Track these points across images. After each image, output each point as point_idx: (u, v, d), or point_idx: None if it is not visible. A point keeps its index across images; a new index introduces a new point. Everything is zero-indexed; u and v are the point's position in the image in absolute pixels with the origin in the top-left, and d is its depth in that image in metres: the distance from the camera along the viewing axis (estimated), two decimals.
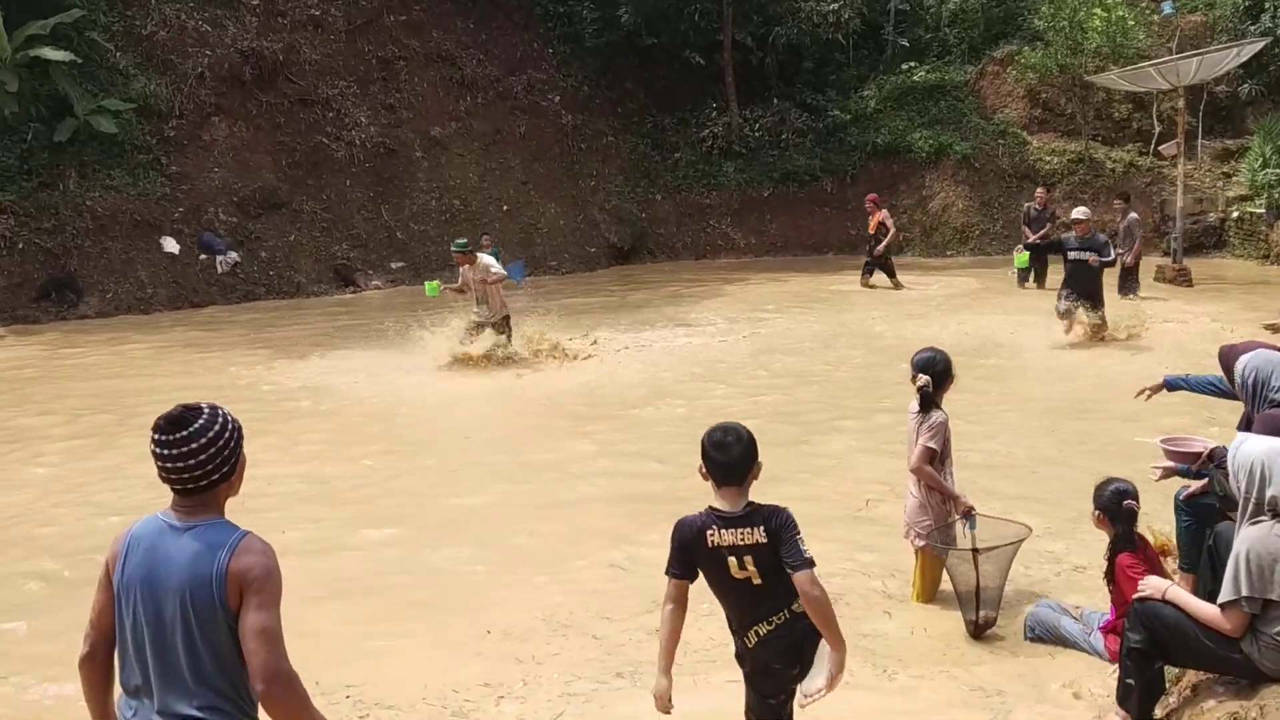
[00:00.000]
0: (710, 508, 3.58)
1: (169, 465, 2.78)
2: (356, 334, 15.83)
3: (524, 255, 24.28)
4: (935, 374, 5.56)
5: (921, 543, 5.59)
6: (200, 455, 2.77)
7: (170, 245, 20.30)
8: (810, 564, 3.48)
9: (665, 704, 3.62)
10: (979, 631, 5.28)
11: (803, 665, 3.64)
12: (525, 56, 27.33)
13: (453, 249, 13.92)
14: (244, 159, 22.06)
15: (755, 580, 3.53)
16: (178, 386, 11.70)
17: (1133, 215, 17.53)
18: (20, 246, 18.73)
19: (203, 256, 20.65)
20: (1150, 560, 4.92)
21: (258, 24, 23.06)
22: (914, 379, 5.61)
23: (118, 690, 2.92)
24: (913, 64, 28.01)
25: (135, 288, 19.63)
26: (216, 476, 2.82)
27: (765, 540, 3.50)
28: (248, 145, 22.23)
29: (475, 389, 11.81)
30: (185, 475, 2.78)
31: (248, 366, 13.42)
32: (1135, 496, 4.94)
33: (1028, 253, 15.09)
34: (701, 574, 3.62)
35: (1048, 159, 25.32)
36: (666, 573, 3.62)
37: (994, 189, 25.46)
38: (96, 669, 2.96)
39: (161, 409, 2.85)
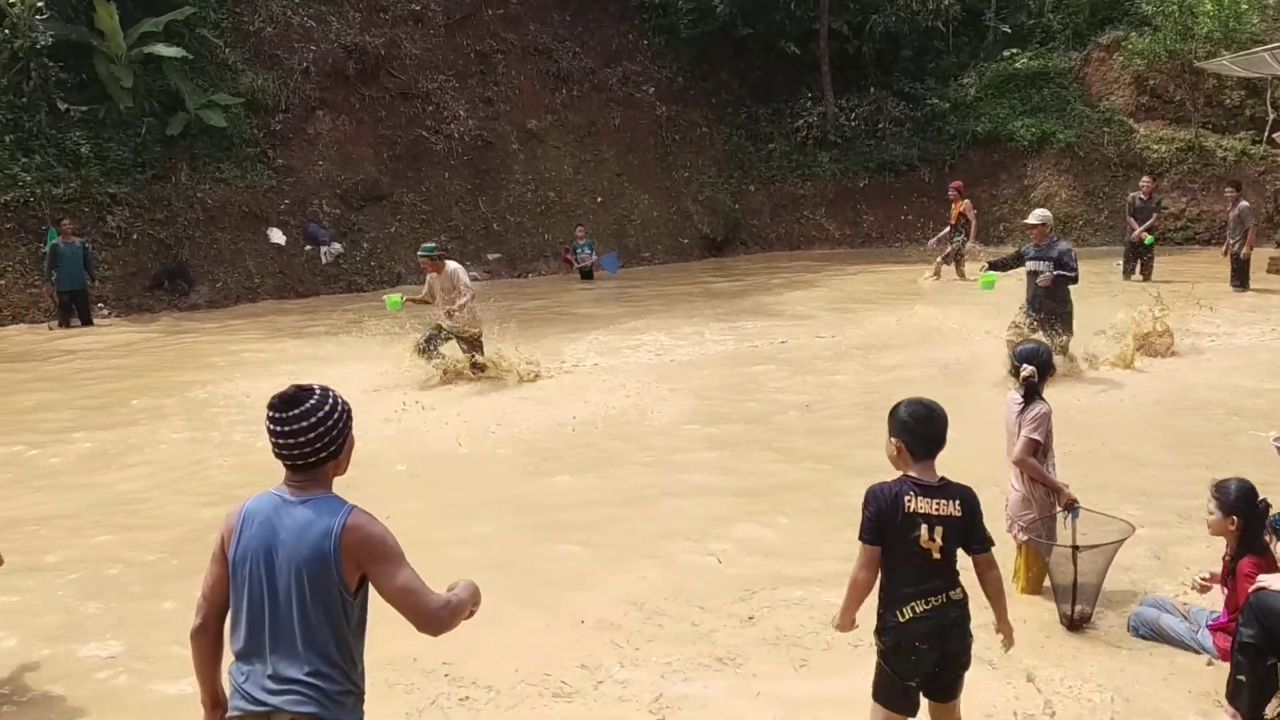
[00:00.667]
0: (906, 476, 3.71)
1: (282, 441, 2.94)
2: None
3: (617, 246, 24.46)
4: (1039, 365, 5.51)
5: (1025, 537, 5.52)
6: (311, 433, 2.93)
7: (277, 236, 20.89)
8: (992, 544, 3.74)
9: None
10: (1074, 625, 5.22)
11: (945, 651, 3.67)
12: (621, 48, 27.47)
13: (419, 254, 12.22)
14: (347, 152, 22.58)
15: (935, 554, 3.64)
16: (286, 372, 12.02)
17: (1244, 204, 16.87)
18: (135, 237, 19.41)
19: (307, 247, 21.20)
20: (1271, 564, 4.77)
21: (360, 19, 23.56)
22: (1016, 370, 5.55)
23: (227, 659, 3.05)
24: (1015, 51, 27.44)
25: (243, 277, 20.23)
26: (325, 454, 2.98)
27: (959, 514, 3.66)
28: (350, 138, 22.74)
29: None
30: (297, 451, 2.95)
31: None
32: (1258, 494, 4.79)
33: (994, 274, 11.18)
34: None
35: (1155, 147, 24.60)
36: (861, 539, 3.71)
37: (1099, 178, 24.85)
38: (208, 640, 3.09)
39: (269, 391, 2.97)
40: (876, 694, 3.80)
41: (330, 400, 3.01)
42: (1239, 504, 4.72)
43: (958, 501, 3.67)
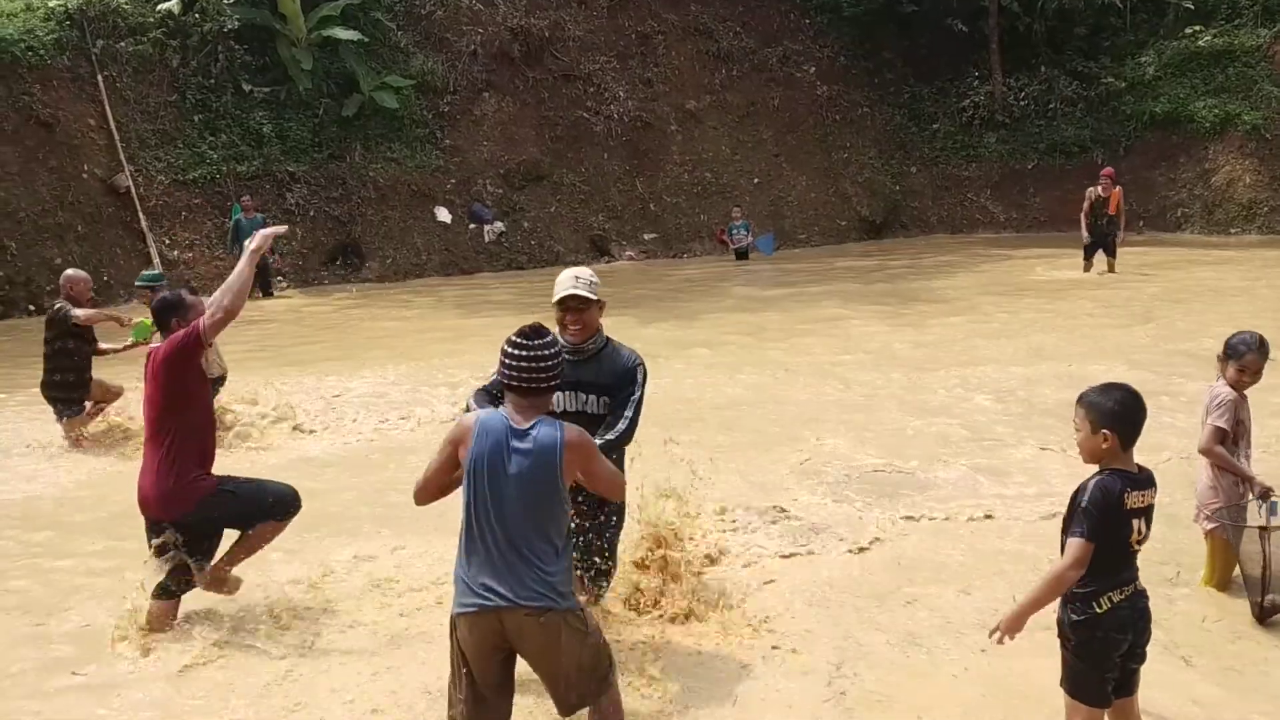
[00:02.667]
0: (1114, 470, 3.59)
1: (524, 366, 3.55)
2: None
3: (773, 228, 24.31)
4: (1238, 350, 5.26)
5: (1211, 525, 5.31)
6: (548, 361, 3.57)
7: (443, 215, 21.50)
8: None
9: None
10: (1264, 615, 4.98)
11: (1134, 640, 3.62)
12: (782, 27, 27.21)
13: (138, 283, 9.70)
14: (510, 133, 23.04)
15: (1136, 545, 3.62)
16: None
17: None
18: (311, 214, 20.26)
19: (471, 226, 21.77)
20: None
21: (526, 2, 23.96)
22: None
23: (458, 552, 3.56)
24: (1198, 27, 26.04)
25: (411, 254, 20.90)
26: (552, 382, 3.62)
27: (1153, 501, 3.65)
28: (514, 119, 23.19)
29: None
30: (534, 376, 3.56)
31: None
32: None
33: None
34: None
35: None
36: (1081, 536, 3.52)
37: None
38: (425, 498, 3.76)
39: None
40: (1077, 692, 3.69)
41: (559, 340, 3.76)
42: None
43: (1154, 490, 3.64)
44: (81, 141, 18.46)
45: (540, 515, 3.47)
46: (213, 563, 5.11)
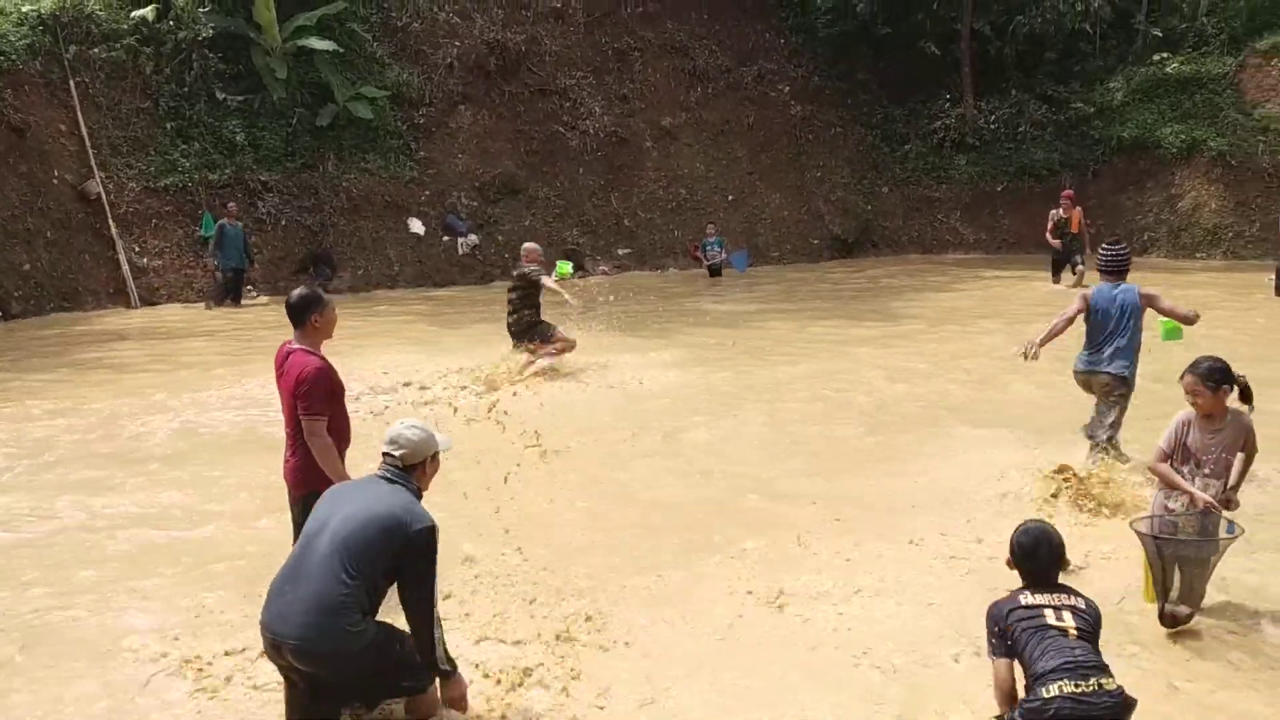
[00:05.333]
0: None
1: None
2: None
3: (747, 245, 24.45)
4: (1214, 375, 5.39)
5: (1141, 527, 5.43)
6: None
7: (416, 226, 21.47)
8: None
9: None
10: (1168, 623, 5.15)
11: None
12: (757, 46, 27.42)
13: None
14: (485, 146, 23.06)
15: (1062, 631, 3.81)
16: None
17: None
18: (283, 223, 20.17)
19: (445, 238, 21.74)
20: None
21: (503, 16, 24.02)
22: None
23: None
24: (1166, 55, 26.49)
25: (384, 265, 20.85)
26: None
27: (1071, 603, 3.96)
28: (489, 133, 23.22)
29: None
30: None
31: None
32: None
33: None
34: None
35: None
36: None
37: (1251, 189, 23.80)
38: None
39: None
40: None
41: None
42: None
43: (1079, 597, 3.89)
44: (52, 147, 18.32)
45: None
46: None
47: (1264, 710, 4.52)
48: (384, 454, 4.39)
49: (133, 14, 19.72)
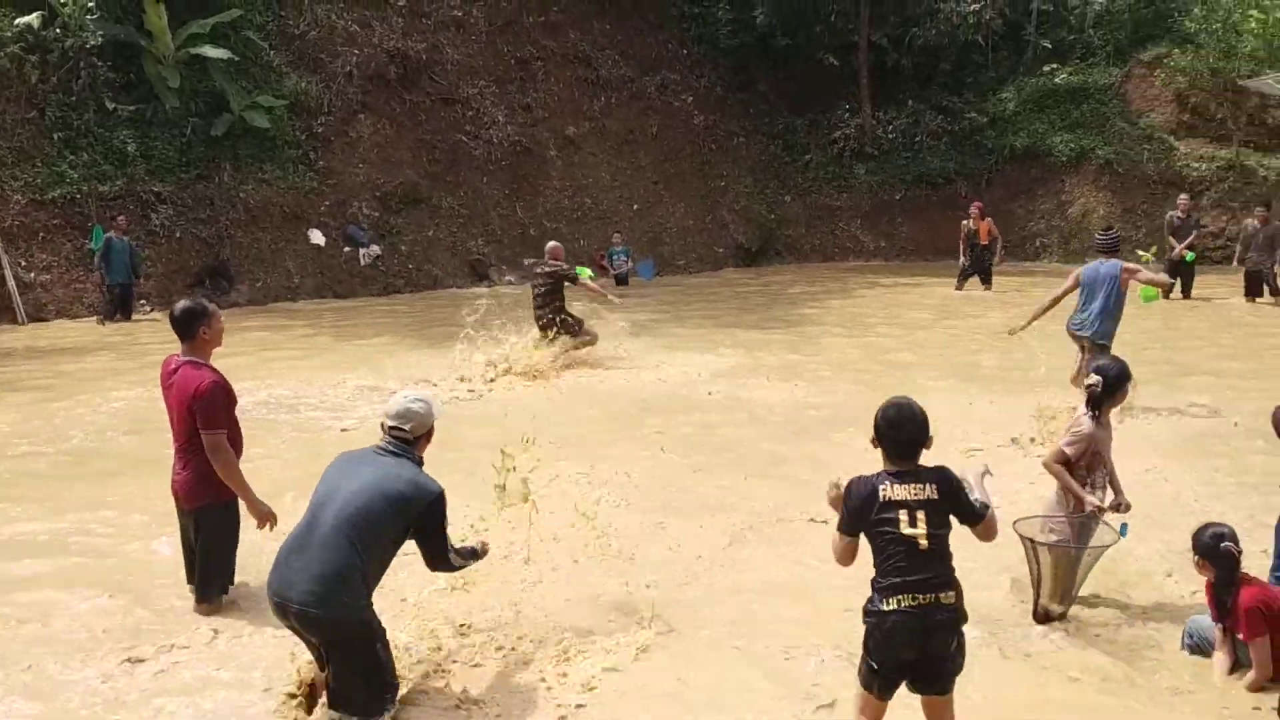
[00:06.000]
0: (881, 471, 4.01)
1: None
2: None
3: (652, 254, 24.57)
4: (1106, 380, 5.51)
5: (1051, 538, 5.53)
6: None
7: (316, 237, 21.10)
8: (982, 513, 4.02)
9: None
10: (1040, 619, 5.33)
11: (926, 651, 3.81)
12: (660, 57, 27.60)
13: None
14: (387, 155, 22.78)
15: (922, 543, 3.81)
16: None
17: (1278, 224, 17.26)
18: (177, 235, 19.66)
19: (346, 249, 21.40)
20: (1266, 590, 4.84)
21: (404, 25, 23.78)
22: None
23: None
24: (1055, 66, 27.38)
25: (283, 277, 20.44)
26: None
27: (937, 497, 3.87)
28: (391, 142, 22.95)
29: None
30: None
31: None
32: (1234, 539, 4.87)
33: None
34: None
35: (1195, 165, 24.46)
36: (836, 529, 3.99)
37: (1137, 195, 24.71)
38: None
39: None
40: (859, 674, 3.93)
41: None
42: (1206, 547, 4.90)
43: (929, 485, 3.81)
44: None
45: None
46: None
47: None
48: (391, 428, 4.54)
49: (17, 21, 19.02)
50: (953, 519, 3.85)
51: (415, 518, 4.36)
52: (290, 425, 9.74)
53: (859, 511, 3.83)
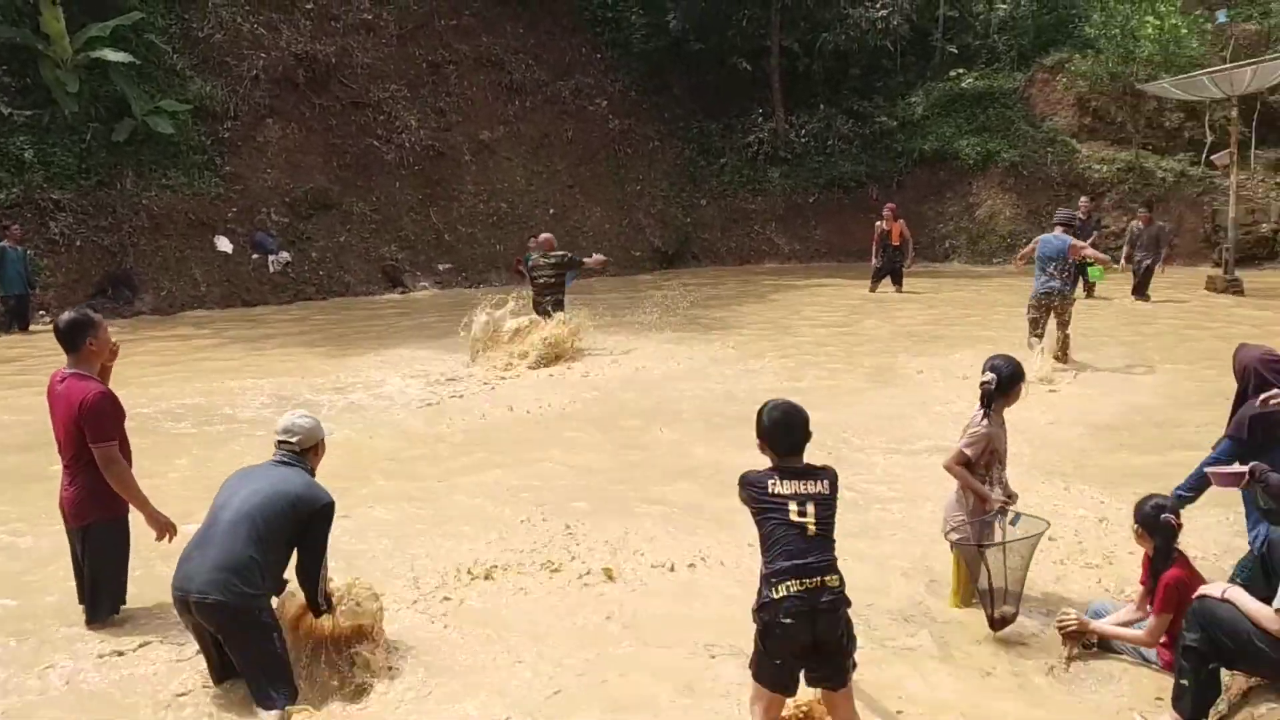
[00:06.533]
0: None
1: None
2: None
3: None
4: (1001, 377, 5.56)
5: (955, 537, 5.59)
6: None
7: (223, 244, 20.65)
8: None
9: None
10: (998, 627, 5.30)
11: (816, 636, 3.90)
12: (574, 61, 27.55)
13: None
14: (296, 160, 22.40)
15: (804, 525, 3.97)
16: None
17: (1161, 224, 18.53)
18: (78, 244, 19.09)
19: (255, 256, 20.98)
20: (1195, 572, 4.97)
21: (312, 28, 23.41)
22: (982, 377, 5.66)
23: None
24: (961, 71, 27.94)
25: (189, 285, 19.96)
26: None
27: (819, 490, 4.03)
28: (300, 147, 22.57)
29: None
30: None
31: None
32: (1175, 512, 4.98)
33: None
34: None
35: (1097, 167, 25.12)
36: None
37: (1042, 197, 25.27)
38: None
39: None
40: (755, 671, 3.99)
41: None
42: (1146, 518, 5.03)
43: (817, 480, 3.99)
44: None
45: None
46: None
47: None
48: (280, 441, 4.79)
49: None
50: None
51: (306, 519, 4.54)
52: (194, 439, 9.51)
53: (749, 503, 4.04)
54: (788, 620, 3.80)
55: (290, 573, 4.68)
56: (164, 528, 5.37)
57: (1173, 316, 16.05)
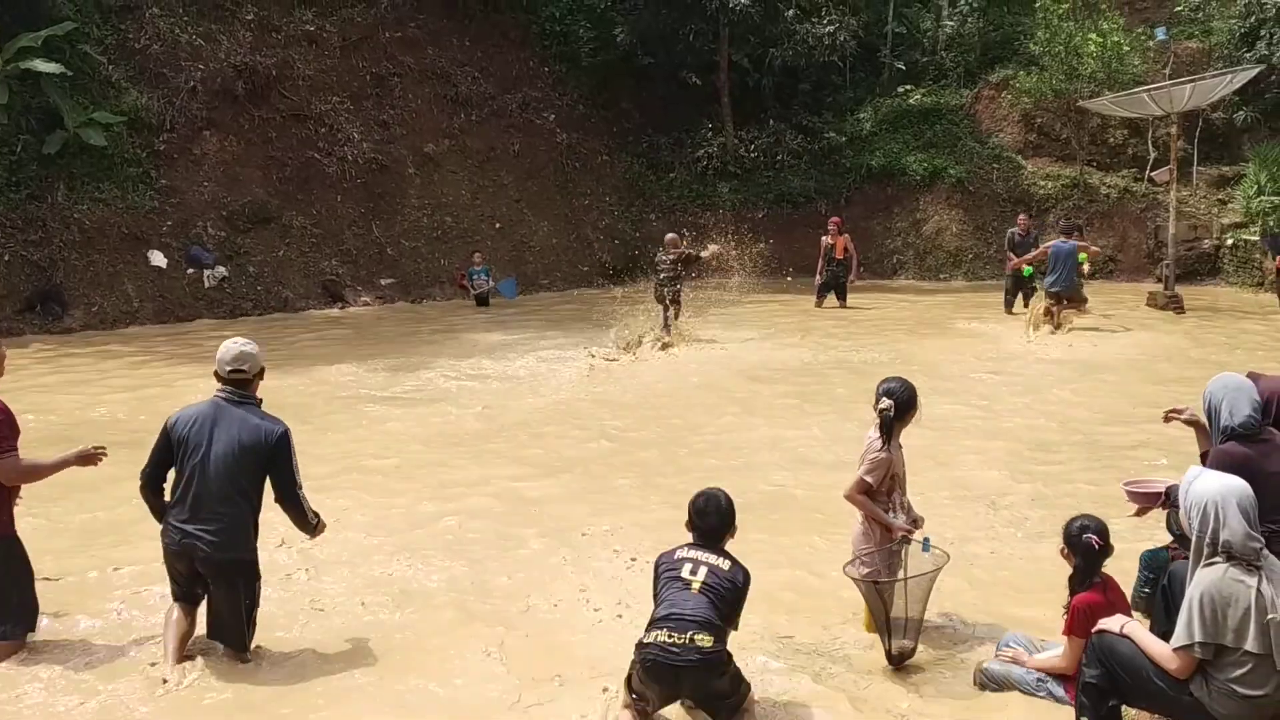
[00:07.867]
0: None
1: None
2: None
3: (515, 273, 24.26)
4: (898, 402, 5.39)
5: (852, 573, 5.39)
6: None
7: (157, 259, 20.20)
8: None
9: None
10: (896, 661, 5.13)
11: (679, 687, 4.23)
12: (521, 74, 27.31)
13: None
14: (234, 173, 21.99)
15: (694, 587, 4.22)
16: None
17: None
18: (6, 259, 18.62)
19: (190, 270, 20.53)
20: (1115, 601, 4.79)
21: (252, 39, 23.00)
22: (876, 403, 5.46)
23: None
24: (909, 87, 28.03)
25: (121, 301, 19.50)
26: None
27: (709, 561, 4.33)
28: (238, 160, 22.16)
29: None
30: None
31: None
32: (1100, 534, 4.79)
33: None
34: None
35: (1042, 184, 25.26)
36: None
37: (988, 213, 25.37)
38: None
39: None
40: (626, 680, 4.18)
41: None
42: (1071, 537, 4.82)
43: (732, 565, 4.26)
44: None
45: None
46: None
47: None
48: (231, 370, 5.22)
49: None
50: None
51: (271, 455, 5.13)
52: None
53: (656, 574, 4.31)
54: (648, 665, 3.95)
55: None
56: (88, 457, 5.35)
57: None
